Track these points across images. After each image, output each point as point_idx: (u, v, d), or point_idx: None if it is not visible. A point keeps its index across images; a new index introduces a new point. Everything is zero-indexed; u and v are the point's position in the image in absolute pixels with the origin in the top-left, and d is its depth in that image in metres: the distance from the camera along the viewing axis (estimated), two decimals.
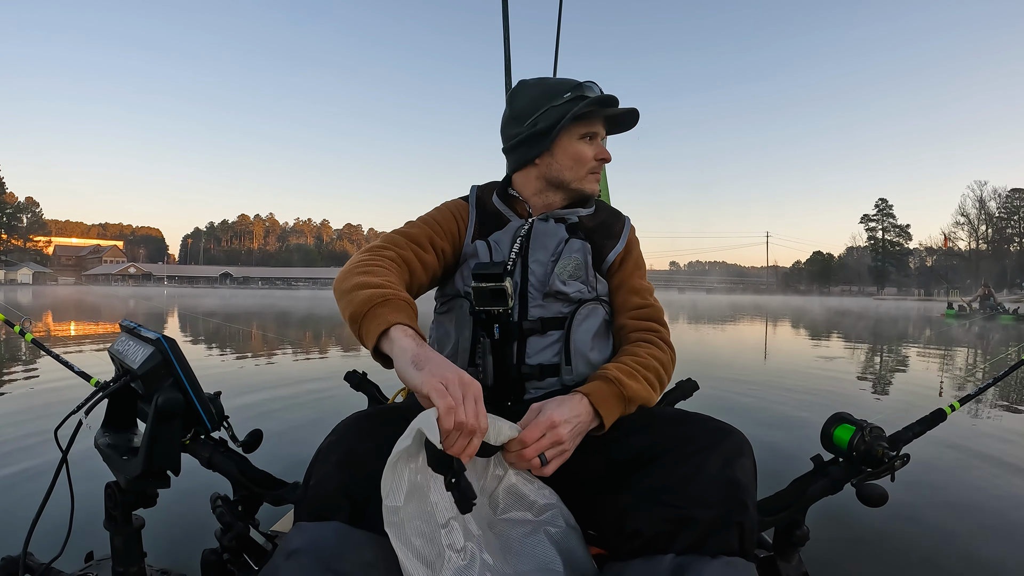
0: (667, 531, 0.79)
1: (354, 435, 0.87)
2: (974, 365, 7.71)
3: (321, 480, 0.82)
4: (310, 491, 0.82)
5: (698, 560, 0.76)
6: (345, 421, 0.92)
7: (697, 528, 0.78)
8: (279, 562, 0.75)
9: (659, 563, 0.77)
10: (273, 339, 9.58)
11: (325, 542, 0.75)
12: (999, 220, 76.81)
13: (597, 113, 1.20)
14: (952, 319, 20.41)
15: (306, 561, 0.73)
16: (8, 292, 37.90)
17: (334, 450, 0.85)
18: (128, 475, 0.98)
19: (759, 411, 4.18)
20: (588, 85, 1.19)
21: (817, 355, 8.61)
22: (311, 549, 0.74)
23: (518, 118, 1.21)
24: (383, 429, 0.86)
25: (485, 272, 1.06)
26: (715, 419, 0.94)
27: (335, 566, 0.73)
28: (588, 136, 1.20)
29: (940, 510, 2.43)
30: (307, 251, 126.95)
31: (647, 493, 0.84)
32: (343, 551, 0.74)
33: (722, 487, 0.82)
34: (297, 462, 2.82)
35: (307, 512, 0.80)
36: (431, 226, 1.18)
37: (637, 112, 1.22)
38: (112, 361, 1.07)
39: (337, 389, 4.46)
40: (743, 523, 0.80)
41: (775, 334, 13.08)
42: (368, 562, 0.74)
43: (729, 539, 0.79)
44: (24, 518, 0.92)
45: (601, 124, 1.21)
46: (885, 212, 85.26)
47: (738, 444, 0.88)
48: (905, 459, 1.06)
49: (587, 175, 1.21)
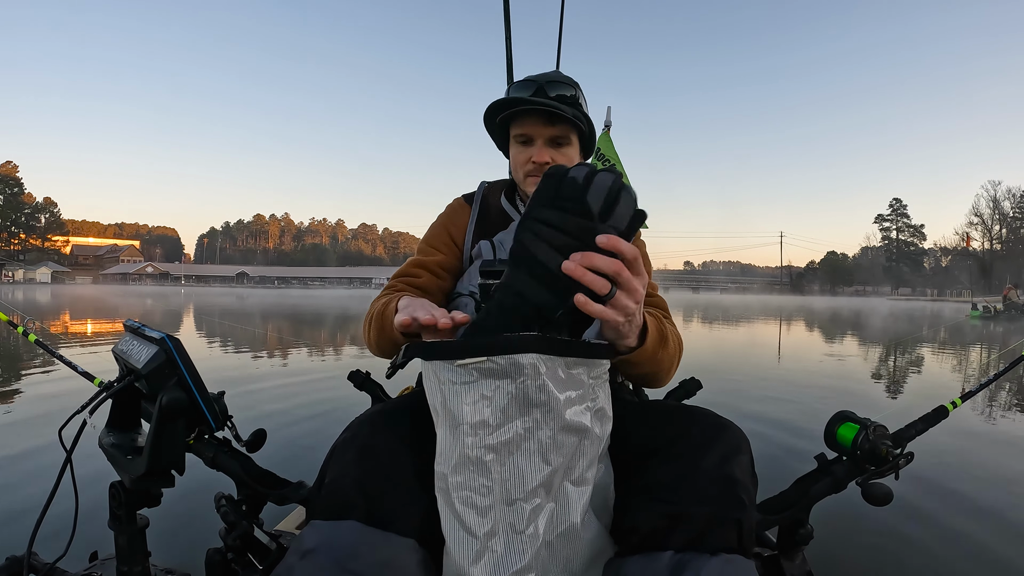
0: (664, 527, 0.77)
1: (368, 432, 0.86)
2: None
3: (336, 478, 0.81)
4: (325, 489, 0.81)
5: (697, 557, 0.74)
6: (359, 418, 0.91)
7: (695, 525, 0.76)
8: (293, 561, 0.74)
9: (658, 560, 0.75)
10: (282, 339, 9.65)
11: (340, 541, 0.74)
12: (1013, 220, 75.72)
13: (526, 114, 1.14)
14: (976, 320, 20.08)
15: (321, 561, 0.72)
16: (27, 291, 38.52)
17: (349, 447, 0.84)
18: (132, 474, 0.98)
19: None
20: (518, 84, 1.16)
21: (855, 356, 8.52)
22: (326, 549, 0.73)
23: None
24: (398, 425, 0.86)
25: (491, 269, 1.06)
26: (714, 413, 0.92)
27: (350, 566, 0.71)
28: (520, 139, 1.17)
29: (944, 508, 2.40)
30: (322, 251, 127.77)
31: (644, 488, 0.83)
32: (359, 550, 0.73)
33: (720, 484, 0.80)
34: (301, 461, 2.84)
35: (322, 511, 0.79)
36: (434, 245, 1.25)
37: (574, 99, 1.15)
38: (116, 361, 1.07)
39: (340, 389, 4.48)
40: (741, 520, 0.78)
41: (814, 336, 12.97)
42: (384, 562, 0.73)
43: (728, 536, 0.77)
44: (29, 518, 0.93)
45: (536, 125, 1.15)
46: (899, 212, 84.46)
47: (736, 440, 0.87)
48: (909, 457, 1.05)
49: (525, 179, 1.19)
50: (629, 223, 0.71)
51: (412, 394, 1.08)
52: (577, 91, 1.18)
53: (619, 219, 0.70)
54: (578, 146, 1.19)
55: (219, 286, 76.90)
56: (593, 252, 0.68)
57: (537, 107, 1.11)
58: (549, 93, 1.14)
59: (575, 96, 1.17)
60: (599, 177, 0.70)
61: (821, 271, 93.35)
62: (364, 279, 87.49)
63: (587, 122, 1.17)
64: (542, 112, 1.12)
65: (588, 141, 1.21)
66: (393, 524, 0.75)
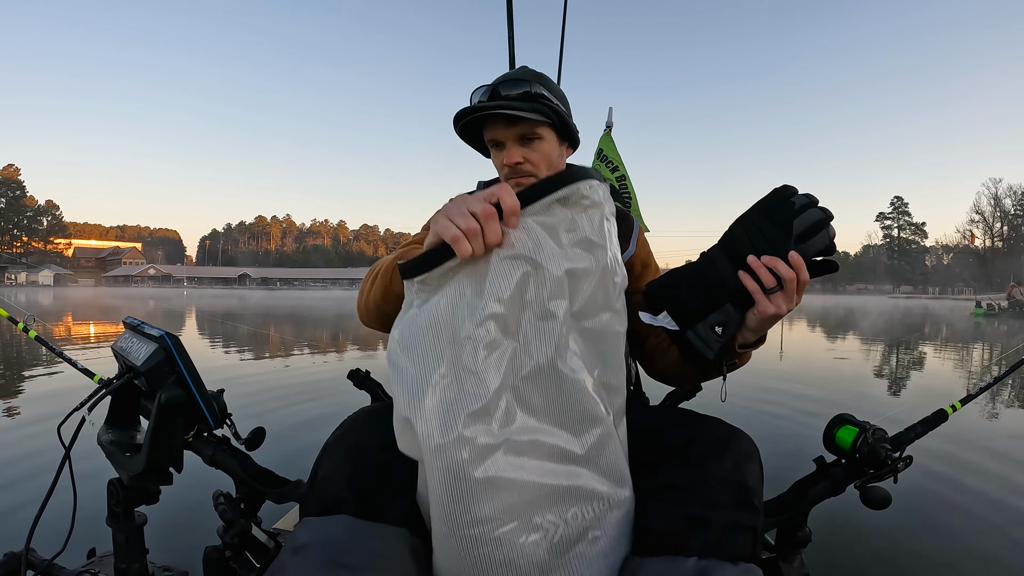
0: (681, 529, 0.77)
1: (360, 429, 0.87)
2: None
3: (327, 475, 0.82)
4: (316, 486, 0.82)
5: (720, 565, 0.74)
6: (352, 416, 0.91)
7: (712, 530, 0.77)
8: (286, 559, 0.74)
9: (682, 565, 0.75)
10: (283, 338, 9.66)
11: (332, 536, 0.74)
12: (1015, 217, 75.58)
13: (489, 119, 1.13)
14: (981, 318, 20.03)
15: (313, 557, 0.72)
16: (30, 294, 38.58)
17: (340, 444, 0.85)
18: (131, 472, 0.98)
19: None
20: (477, 90, 1.15)
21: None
22: (318, 544, 0.74)
23: None
24: (389, 422, 0.85)
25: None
26: (723, 421, 0.93)
27: (343, 559, 0.72)
28: (492, 144, 1.16)
29: (942, 511, 2.40)
30: (324, 252, 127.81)
31: (657, 490, 0.82)
32: (350, 544, 0.73)
33: (734, 490, 0.80)
34: (299, 460, 2.84)
35: (313, 507, 0.79)
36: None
37: (533, 94, 1.12)
38: (115, 358, 1.07)
39: (341, 388, 4.48)
40: (755, 527, 0.79)
41: (816, 336, 12.95)
42: (377, 552, 0.73)
43: (743, 543, 0.77)
44: (27, 514, 0.93)
45: (499, 128, 1.13)
46: (900, 210, 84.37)
47: (748, 448, 0.88)
48: (908, 461, 1.04)
49: (507, 181, 1.16)
50: (818, 256, 0.86)
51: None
52: (537, 84, 1.15)
53: (810, 247, 0.84)
54: (552, 138, 1.15)
55: (221, 288, 76.96)
56: (780, 258, 0.84)
57: (493, 111, 1.09)
58: (504, 93, 1.12)
59: (532, 91, 1.14)
60: (811, 211, 0.84)
61: None
62: None
63: (557, 111, 1.13)
64: (501, 116, 1.11)
65: (564, 129, 1.16)
66: (384, 515, 0.75)
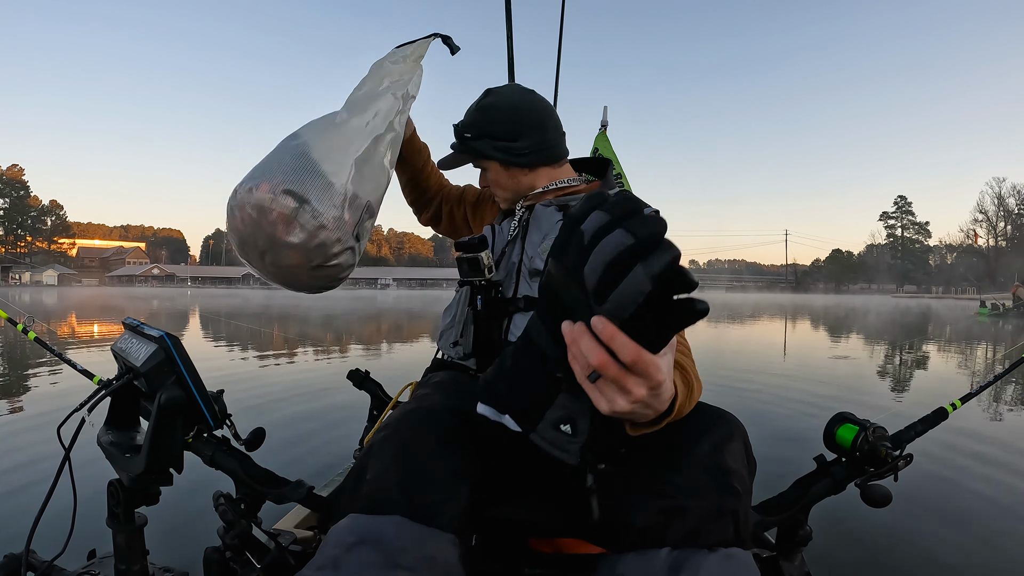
0: (659, 522, 0.75)
1: (409, 430, 0.86)
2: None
3: (379, 475, 0.81)
4: (367, 486, 0.80)
5: (695, 553, 0.72)
6: (396, 416, 0.91)
7: (689, 518, 0.75)
8: (338, 554, 0.72)
9: (655, 557, 0.73)
10: (280, 338, 9.67)
11: (387, 536, 0.73)
12: (1018, 217, 75.33)
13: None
14: (985, 318, 19.95)
15: (371, 555, 0.71)
16: (34, 293, 38.71)
17: (388, 444, 0.84)
18: (131, 473, 0.98)
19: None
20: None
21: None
22: (373, 542, 0.72)
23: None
24: (433, 424, 0.87)
25: (464, 242, 1.16)
26: (707, 404, 0.90)
27: (399, 560, 0.70)
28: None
29: (942, 509, 2.39)
30: None
31: (636, 483, 0.81)
32: (405, 546, 0.72)
33: (712, 473, 0.78)
34: (300, 460, 2.85)
35: (364, 506, 0.78)
36: (463, 194, 1.55)
37: (467, 126, 1.28)
38: (115, 359, 1.07)
39: (341, 387, 4.49)
40: (737, 511, 0.76)
41: (820, 335, 12.92)
42: (429, 556, 0.72)
43: (724, 528, 0.75)
44: (27, 516, 0.93)
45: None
46: (904, 209, 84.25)
47: (728, 428, 0.85)
48: (908, 459, 1.04)
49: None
50: (637, 312, 0.48)
51: (444, 390, 1.07)
52: (472, 127, 1.28)
53: (618, 305, 0.48)
54: (495, 166, 1.28)
55: (224, 287, 77.13)
56: (586, 330, 0.52)
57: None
58: (457, 135, 1.30)
59: (467, 124, 1.29)
60: (608, 241, 0.48)
61: (826, 269, 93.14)
62: (370, 280, 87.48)
63: (475, 151, 1.28)
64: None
65: (507, 151, 1.25)
66: (434, 519, 0.75)
